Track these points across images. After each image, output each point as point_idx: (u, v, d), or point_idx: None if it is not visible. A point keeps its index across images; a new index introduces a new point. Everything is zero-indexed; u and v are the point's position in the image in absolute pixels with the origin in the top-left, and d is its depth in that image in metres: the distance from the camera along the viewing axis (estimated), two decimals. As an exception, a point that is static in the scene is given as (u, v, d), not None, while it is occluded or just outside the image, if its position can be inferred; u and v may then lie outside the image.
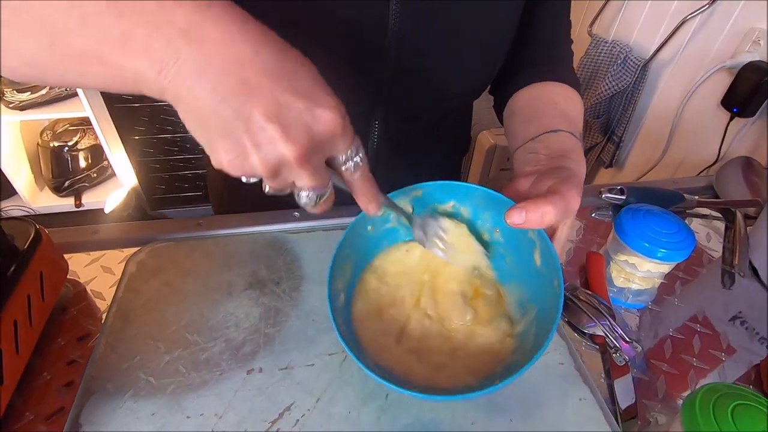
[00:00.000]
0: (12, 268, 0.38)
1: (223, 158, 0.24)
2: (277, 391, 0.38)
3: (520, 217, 0.31)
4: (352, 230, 0.39)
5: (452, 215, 0.42)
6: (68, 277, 0.47)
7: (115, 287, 0.46)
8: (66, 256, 0.47)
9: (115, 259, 0.50)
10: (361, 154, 0.29)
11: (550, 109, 0.48)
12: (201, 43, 0.21)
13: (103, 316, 0.44)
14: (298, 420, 0.37)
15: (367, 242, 0.42)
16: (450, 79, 0.51)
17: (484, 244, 0.42)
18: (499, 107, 0.57)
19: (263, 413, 0.37)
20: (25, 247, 0.40)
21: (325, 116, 0.24)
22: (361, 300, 0.40)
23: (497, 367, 0.36)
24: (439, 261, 0.41)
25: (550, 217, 0.31)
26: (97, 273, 0.48)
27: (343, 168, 0.29)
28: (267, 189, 0.28)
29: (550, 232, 0.36)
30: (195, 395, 0.38)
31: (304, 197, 0.28)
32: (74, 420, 0.35)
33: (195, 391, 0.38)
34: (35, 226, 0.42)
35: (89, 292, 0.46)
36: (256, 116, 0.22)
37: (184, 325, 0.43)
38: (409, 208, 0.41)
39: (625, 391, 0.42)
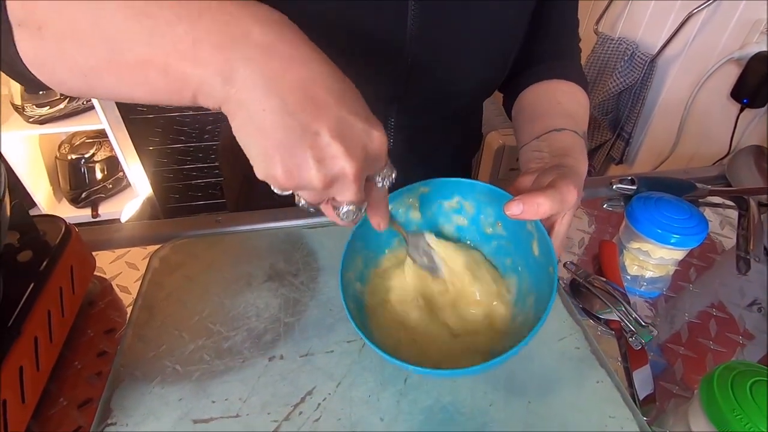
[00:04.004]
0: (45, 262, 0.40)
1: (278, 169, 0.24)
2: (298, 377, 0.39)
3: (517, 208, 0.33)
4: (360, 226, 0.40)
5: (457, 211, 0.44)
6: (95, 273, 0.48)
7: (139, 282, 0.48)
8: (93, 253, 0.49)
9: (139, 255, 0.51)
10: (395, 173, 0.30)
11: (554, 108, 0.49)
12: (276, 58, 0.22)
13: (129, 310, 0.46)
14: (319, 404, 0.38)
15: (377, 235, 0.43)
16: (463, 77, 0.52)
17: (487, 237, 0.44)
18: (508, 104, 0.58)
19: (286, 397, 0.38)
20: (57, 242, 0.41)
21: (379, 137, 0.26)
22: (372, 294, 0.41)
23: (498, 347, 0.37)
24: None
25: (544, 208, 0.33)
26: (122, 269, 0.50)
27: (379, 185, 0.30)
28: (302, 203, 0.28)
29: (549, 226, 0.38)
30: (219, 381, 0.39)
31: (344, 211, 0.28)
32: (105, 405, 0.37)
33: (219, 377, 0.39)
34: (65, 223, 0.43)
35: (115, 287, 0.48)
36: (323, 133, 0.23)
37: (206, 316, 0.44)
38: (416, 204, 0.43)
39: (644, 381, 0.42)
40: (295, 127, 0.23)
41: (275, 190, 0.26)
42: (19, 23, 0.24)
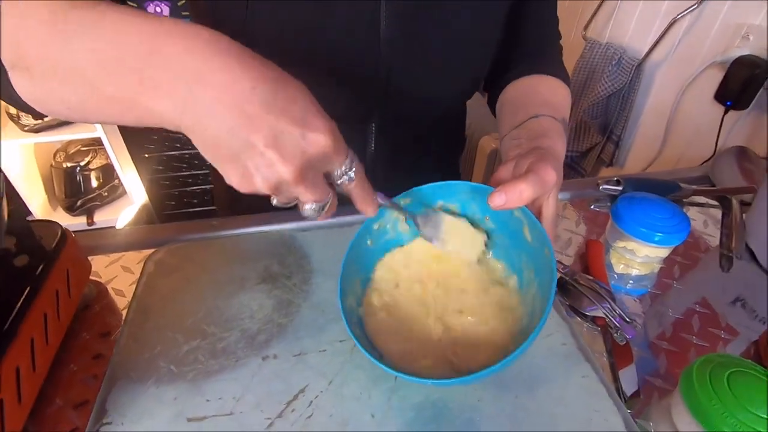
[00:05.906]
0: (41, 266, 0.40)
1: (232, 179, 0.28)
2: (291, 375, 0.40)
3: (500, 199, 0.34)
4: (352, 248, 0.40)
5: None
6: (90, 277, 0.49)
7: (134, 285, 0.48)
8: (89, 257, 0.50)
9: (134, 259, 0.52)
10: (355, 168, 0.32)
11: (534, 98, 0.50)
12: (210, 85, 0.25)
13: (124, 313, 0.46)
14: (311, 401, 0.38)
15: (370, 254, 0.44)
16: (440, 82, 0.53)
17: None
18: (493, 102, 0.60)
19: (279, 395, 0.39)
20: (53, 246, 0.42)
21: (318, 139, 0.27)
22: (371, 308, 0.42)
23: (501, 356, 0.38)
24: (437, 263, 0.44)
25: (527, 194, 0.34)
26: (118, 272, 0.51)
27: (338, 182, 0.32)
28: (275, 202, 0.31)
29: (536, 211, 0.38)
30: (214, 380, 0.40)
31: (307, 209, 0.31)
32: (101, 405, 0.37)
33: (213, 376, 0.40)
34: (61, 228, 0.44)
35: (110, 290, 0.49)
36: (257, 143, 0.26)
37: (200, 318, 0.45)
38: (401, 216, 0.43)
39: (628, 375, 0.43)
40: (235, 142, 0.26)
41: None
42: (11, 66, 0.28)
